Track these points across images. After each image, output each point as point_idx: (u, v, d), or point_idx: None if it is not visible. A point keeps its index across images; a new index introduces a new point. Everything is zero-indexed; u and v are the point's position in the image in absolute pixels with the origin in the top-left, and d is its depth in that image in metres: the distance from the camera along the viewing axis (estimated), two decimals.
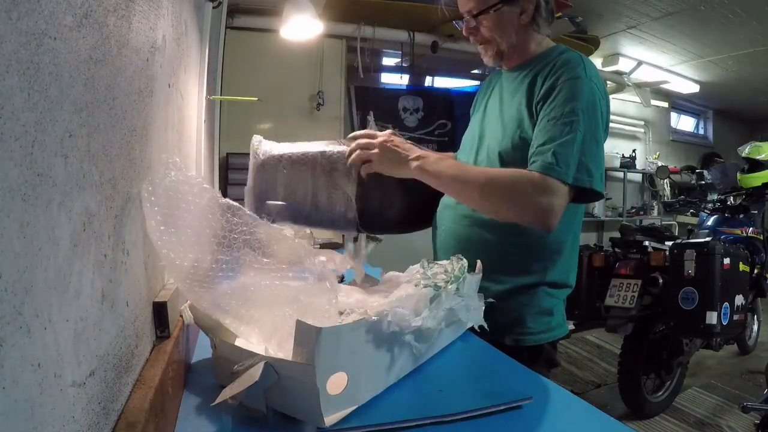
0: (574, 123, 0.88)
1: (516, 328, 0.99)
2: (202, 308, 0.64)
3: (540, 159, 0.88)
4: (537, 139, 0.91)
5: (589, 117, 0.90)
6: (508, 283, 0.99)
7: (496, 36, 1.01)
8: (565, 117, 0.89)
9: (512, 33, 1.01)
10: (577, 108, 0.89)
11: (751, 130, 6.34)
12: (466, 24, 1.03)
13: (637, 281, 2.36)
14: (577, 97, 0.90)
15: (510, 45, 1.02)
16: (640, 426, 2.36)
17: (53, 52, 0.31)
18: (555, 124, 0.90)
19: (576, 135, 0.88)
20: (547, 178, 0.87)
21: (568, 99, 0.90)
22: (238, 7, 2.75)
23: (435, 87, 3.96)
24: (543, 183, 0.87)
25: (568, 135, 0.88)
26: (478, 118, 1.13)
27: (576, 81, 0.92)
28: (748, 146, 3.22)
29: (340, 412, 0.57)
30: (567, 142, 0.88)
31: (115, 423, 0.43)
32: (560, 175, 0.87)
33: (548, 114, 0.91)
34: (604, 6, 3.21)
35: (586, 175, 0.90)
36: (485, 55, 1.06)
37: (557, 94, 0.92)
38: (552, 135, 0.89)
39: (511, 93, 1.03)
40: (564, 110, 0.90)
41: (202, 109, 1.37)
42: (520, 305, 0.99)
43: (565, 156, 0.87)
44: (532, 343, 1.00)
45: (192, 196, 0.58)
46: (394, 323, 0.62)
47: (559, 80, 0.93)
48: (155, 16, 0.64)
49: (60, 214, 0.33)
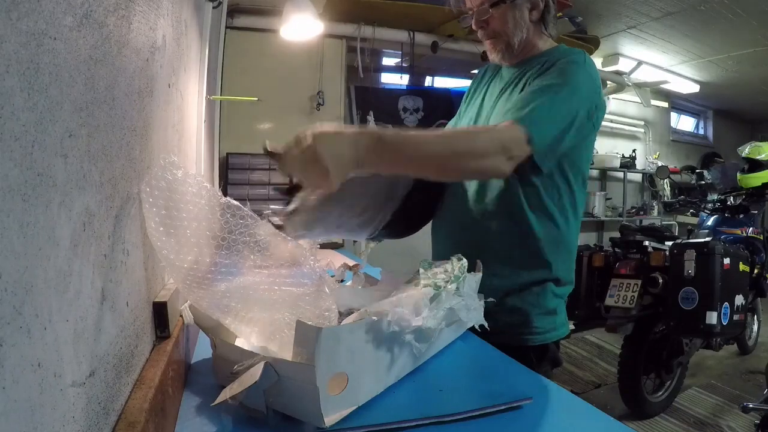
0: (558, 94, 0.90)
1: (523, 328, 0.99)
2: (201, 309, 0.64)
3: (513, 113, 0.89)
4: (518, 98, 0.92)
5: (571, 93, 0.91)
6: (516, 279, 0.99)
7: (508, 30, 1.01)
8: (552, 88, 0.90)
9: (523, 27, 1.01)
10: (564, 82, 0.91)
11: (751, 130, 6.34)
12: (476, 17, 1.02)
13: (637, 281, 2.36)
14: (568, 77, 0.92)
15: (519, 40, 1.02)
16: (640, 426, 2.36)
17: (53, 52, 0.31)
18: (539, 90, 0.91)
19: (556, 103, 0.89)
20: (514, 128, 0.86)
21: (558, 75, 0.92)
22: (238, 7, 2.75)
23: (435, 87, 3.96)
24: (512, 127, 0.86)
25: (548, 100, 0.89)
26: (473, 110, 1.12)
27: (573, 65, 0.93)
28: (748, 146, 3.22)
29: (340, 412, 0.57)
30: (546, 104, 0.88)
31: (115, 423, 0.43)
32: (531, 131, 0.86)
33: (535, 85, 0.93)
34: (604, 6, 3.21)
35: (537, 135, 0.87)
36: (493, 50, 1.05)
37: (550, 71, 0.94)
38: (531, 98, 0.90)
39: (512, 86, 1.03)
40: (552, 83, 0.91)
41: (202, 109, 1.37)
42: (528, 304, 0.99)
43: (538, 115, 0.87)
44: (539, 343, 1.00)
45: (191, 195, 0.58)
46: (394, 323, 0.62)
47: (556, 63, 0.95)
48: (155, 16, 0.64)
49: (60, 214, 0.33)
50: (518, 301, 0.99)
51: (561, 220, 1.00)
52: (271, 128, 2.94)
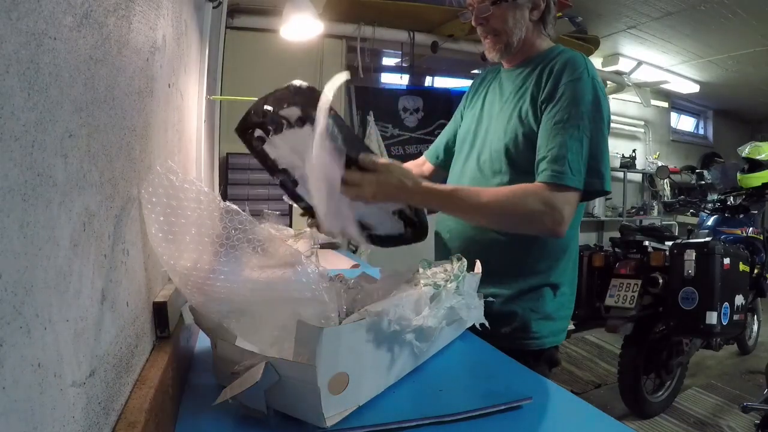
0: (581, 126, 0.89)
1: (520, 333, 0.99)
2: (203, 312, 0.64)
3: (550, 167, 0.89)
4: (545, 145, 0.91)
5: (593, 118, 0.91)
6: (515, 287, 0.99)
7: (508, 28, 1.00)
8: (572, 120, 0.89)
9: (523, 27, 1.01)
10: (582, 111, 0.90)
11: (751, 130, 6.34)
12: (476, 13, 1.01)
13: (637, 281, 2.36)
14: (581, 99, 0.90)
15: (519, 39, 1.02)
16: (640, 426, 2.36)
17: (53, 52, 0.31)
18: (562, 128, 0.90)
19: (583, 139, 0.89)
20: (559, 187, 0.87)
21: (572, 102, 0.91)
22: (238, 7, 2.75)
23: (435, 87, 3.95)
24: (553, 194, 0.87)
25: (576, 141, 0.89)
26: (473, 114, 1.12)
27: (579, 82, 0.92)
28: (748, 146, 3.22)
29: (341, 412, 0.57)
30: (576, 147, 0.88)
31: (115, 423, 0.43)
32: (573, 183, 0.88)
33: (553, 117, 0.91)
34: (604, 6, 3.21)
35: (597, 178, 0.91)
36: (492, 48, 1.04)
37: (561, 96, 0.92)
38: (560, 141, 0.89)
39: (513, 90, 1.03)
40: (570, 113, 0.90)
41: (202, 109, 1.37)
42: (526, 311, 0.99)
43: (576, 162, 0.88)
44: (537, 348, 1.00)
45: (188, 201, 0.58)
46: (395, 323, 0.62)
47: (562, 81, 0.93)
48: (155, 16, 0.64)
49: (60, 214, 0.33)
50: (516, 308, 0.99)
51: None
52: None
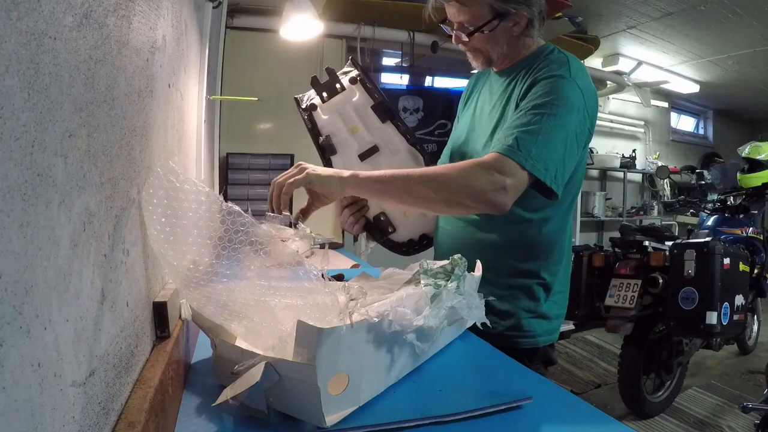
0: (544, 115, 0.88)
1: (512, 332, 0.99)
2: (204, 313, 0.64)
3: (501, 141, 0.89)
4: (505, 125, 0.92)
5: (562, 114, 0.89)
6: (506, 283, 0.99)
7: (487, 47, 1.01)
8: (537, 108, 0.89)
9: (503, 44, 1.00)
10: (551, 102, 0.89)
11: (751, 130, 6.35)
12: (455, 34, 1.02)
13: (637, 281, 2.36)
14: (553, 93, 0.90)
15: (500, 54, 1.02)
16: (640, 426, 2.36)
17: (53, 52, 0.31)
18: (525, 113, 0.90)
19: (542, 126, 0.88)
20: (504, 157, 0.86)
21: (544, 93, 0.90)
22: (238, 7, 2.75)
23: (435, 87, 3.95)
24: (497, 162, 0.86)
25: (534, 125, 0.88)
26: (466, 118, 1.13)
27: (557, 79, 0.91)
28: (748, 146, 3.23)
29: (341, 412, 0.57)
30: (532, 130, 0.87)
31: (115, 423, 0.43)
32: (518, 158, 0.86)
33: (524, 106, 0.92)
34: (604, 6, 3.21)
35: (543, 167, 0.87)
36: (474, 60, 1.06)
37: (536, 89, 0.92)
38: (520, 122, 0.89)
39: (499, 95, 1.04)
40: (537, 102, 0.90)
41: (202, 109, 1.37)
42: (519, 309, 0.99)
43: (526, 142, 0.86)
44: (530, 346, 1.00)
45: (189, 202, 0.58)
46: (396, 323, 0.62)
47: (540, 77, 0.93)
48: (155, 16, 0.64)
49: (60, 214, 0.33)
50: (507, 306, 0.99)
51: (551, 225, 1.00)
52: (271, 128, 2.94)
